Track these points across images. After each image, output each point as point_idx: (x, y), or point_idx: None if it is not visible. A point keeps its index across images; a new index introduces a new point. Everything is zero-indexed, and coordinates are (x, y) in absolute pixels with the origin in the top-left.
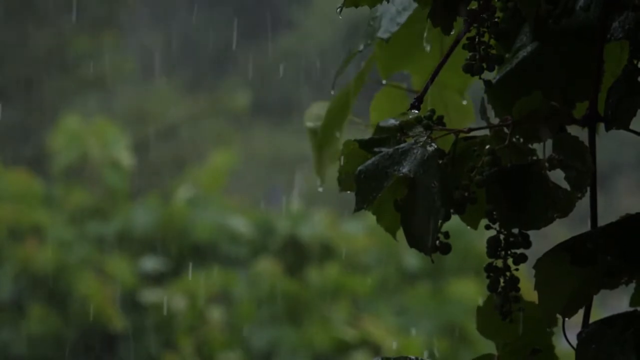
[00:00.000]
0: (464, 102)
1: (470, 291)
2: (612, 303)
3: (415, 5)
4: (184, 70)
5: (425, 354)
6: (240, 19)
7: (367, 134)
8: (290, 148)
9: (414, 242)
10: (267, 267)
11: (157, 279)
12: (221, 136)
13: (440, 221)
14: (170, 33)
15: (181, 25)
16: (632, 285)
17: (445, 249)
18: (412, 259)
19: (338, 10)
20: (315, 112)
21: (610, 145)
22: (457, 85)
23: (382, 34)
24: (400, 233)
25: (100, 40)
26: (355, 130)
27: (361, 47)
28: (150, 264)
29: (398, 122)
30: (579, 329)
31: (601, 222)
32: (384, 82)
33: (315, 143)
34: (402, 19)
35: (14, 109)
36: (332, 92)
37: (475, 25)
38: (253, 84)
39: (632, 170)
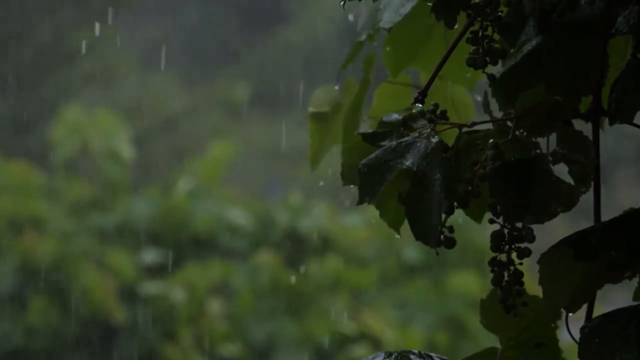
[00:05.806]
0: (478, 98)
1: (470, 284)
2: (613, 297)
3: None
4: (184, 63)
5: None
6: (239, 12)
7: (368, 124)
8: (289, 140)
9: (420, 235)
10: (267, 259)
11: (157, 271)
12: (220, 128)
13: (444, 215)
14: (170, 26)
15: (181, 18)
16: (636, 280)
17: (450, 243)
18: (412, 251)
19: (342, 3)
20: (321, 97)
21: (610, 138)
22: (467, 79)
23: (384, 24)
24: (403, 228)
25: (100, 32)
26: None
27: (363, 37)
28: (150, 256)
29: (401, 116)
30: (581, 323)
31: (602, 215)
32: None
33: (316, 131)
34: (406, 9)
35: (14, 101)
36: (337, 87)
37: (478, 19)
38: (252, 76)
39: (632, 163)
